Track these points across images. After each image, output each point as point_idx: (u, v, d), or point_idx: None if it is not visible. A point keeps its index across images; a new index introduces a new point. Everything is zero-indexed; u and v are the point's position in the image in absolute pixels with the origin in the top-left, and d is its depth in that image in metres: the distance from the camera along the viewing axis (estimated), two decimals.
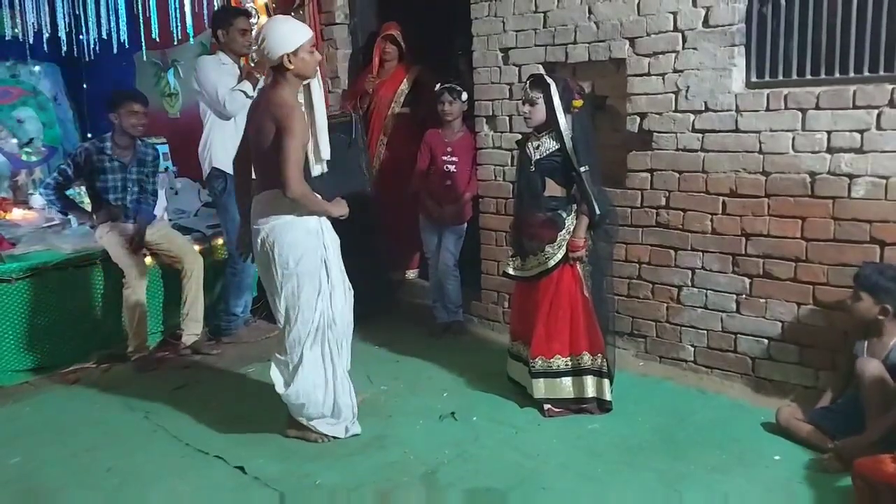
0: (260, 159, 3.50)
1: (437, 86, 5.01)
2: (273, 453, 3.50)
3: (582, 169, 3.68)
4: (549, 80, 3.74)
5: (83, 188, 5.12)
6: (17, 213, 6.01)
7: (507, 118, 4.84)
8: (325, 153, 3.54)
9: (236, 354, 4.88)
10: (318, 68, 3.50)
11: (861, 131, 3.54)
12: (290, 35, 3.33)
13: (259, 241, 3.46)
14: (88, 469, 3.45)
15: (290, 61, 3.31)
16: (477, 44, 4.91)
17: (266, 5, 5.83)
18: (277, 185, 3.29)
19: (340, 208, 3.56)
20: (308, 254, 3.42)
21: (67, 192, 4.94)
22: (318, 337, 3.48)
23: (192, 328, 4.92)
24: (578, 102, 3.74)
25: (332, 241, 3.55)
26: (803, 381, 3.83)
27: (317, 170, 3.55)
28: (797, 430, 3.41)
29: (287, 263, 3.40)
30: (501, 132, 4.89)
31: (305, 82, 3.45)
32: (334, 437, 3.61)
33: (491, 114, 4.92)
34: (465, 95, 4.96)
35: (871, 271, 3.34)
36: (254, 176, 3.63)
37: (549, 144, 3.77)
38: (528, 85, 3.81)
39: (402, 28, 5.62)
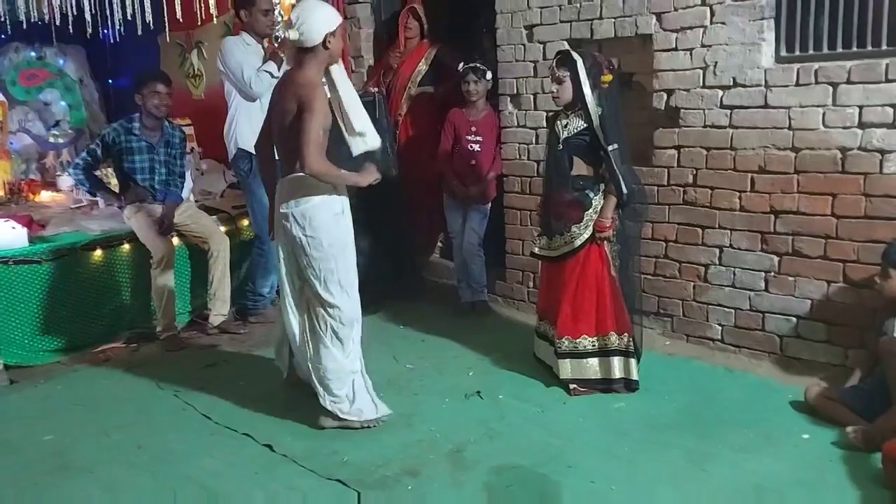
0: (283, 141, 3.49)
1: (461, 65, 4.97)
2: (301, 431, 3.53)
3: (610, 148, 3.63)
4: (576, 57, 3.68)
5: (110, 170, 5.17)
6: (45, 195, 6.09)
7: (532, 96, 4.80)
8: (361, 126, 3.48)
9: (263, 334, 4.92)
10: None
11: (894, 106, 3.48)
12: (331, 16, 3.37)
13: (286, 224, 3.44)
14: (120, 446, 3.50)
15: (329, 42, 3.34)
16: (501, 21, 4.87)
17: None
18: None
19: (368, 176, 3.56)
20: (340, 234, 3.45)
21: (95, 174, 4.99)
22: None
23: (220, 308, 4.97)
24: (608, 77, 3.68)
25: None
26: (832, 360, 3.80)
27: (358, 145, 3.50)
28: (826, 408, 3.38)
29: (321, 245, 3.40)
30: (526, 110, 4.85)
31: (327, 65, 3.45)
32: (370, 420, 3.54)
33: (515, 92, 4.89)
34: (489, 74, 4.91)
35: None
36: (277, 158, 3.63)
37: (577, 123, 3.73)
38: (554, 63, 3.75)
39: (426, 5, 5.58)
